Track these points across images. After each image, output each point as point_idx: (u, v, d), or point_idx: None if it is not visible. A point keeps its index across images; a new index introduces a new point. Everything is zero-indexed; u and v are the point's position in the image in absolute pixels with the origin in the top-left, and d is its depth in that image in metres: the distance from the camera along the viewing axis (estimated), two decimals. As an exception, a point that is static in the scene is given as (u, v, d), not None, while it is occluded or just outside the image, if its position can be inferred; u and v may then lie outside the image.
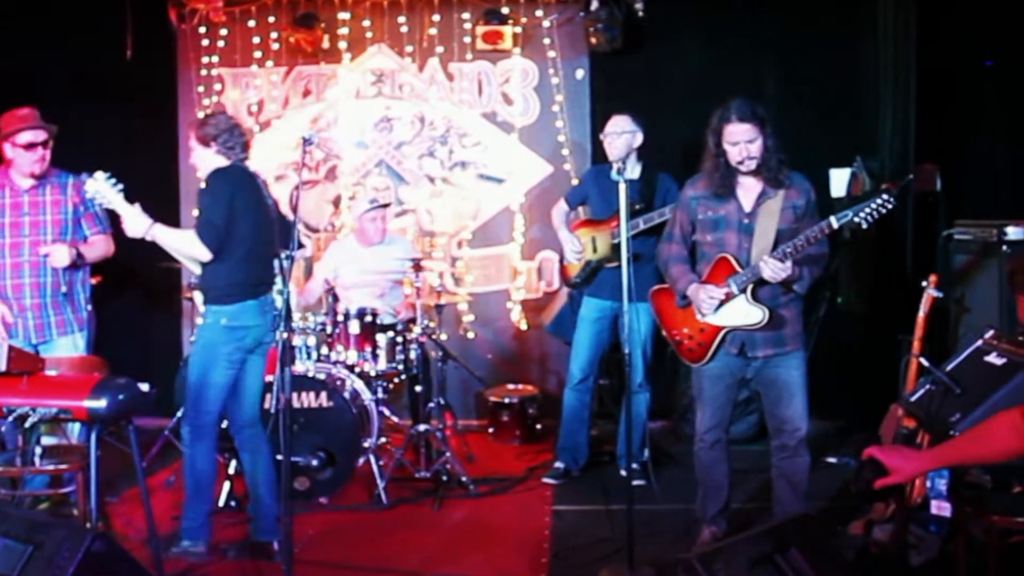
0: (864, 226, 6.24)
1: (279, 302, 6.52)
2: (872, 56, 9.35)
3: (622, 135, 8.10)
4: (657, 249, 6.96)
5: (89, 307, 7.75)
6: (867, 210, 6.15)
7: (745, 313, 6.39)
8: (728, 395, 6.71)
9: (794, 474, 6.61)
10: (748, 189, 6.45)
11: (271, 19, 10.49)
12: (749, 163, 6.31)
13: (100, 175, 6.72)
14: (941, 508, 6.33)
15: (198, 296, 8.19)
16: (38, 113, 7.55)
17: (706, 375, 6.67)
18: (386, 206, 9.56)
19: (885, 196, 6.14)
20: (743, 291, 6.36)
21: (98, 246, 7.69)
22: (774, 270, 6.19)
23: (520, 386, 10.30)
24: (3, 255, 7.36)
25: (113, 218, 7.13)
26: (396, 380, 8.94)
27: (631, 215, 7.46)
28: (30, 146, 7.34)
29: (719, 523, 6.85)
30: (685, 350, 6.71)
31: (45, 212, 7.52)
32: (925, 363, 5.33)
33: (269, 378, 7.60)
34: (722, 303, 6.43)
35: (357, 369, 8.38)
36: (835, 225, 6.15)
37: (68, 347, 7.57)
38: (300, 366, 8.18)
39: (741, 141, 6.26)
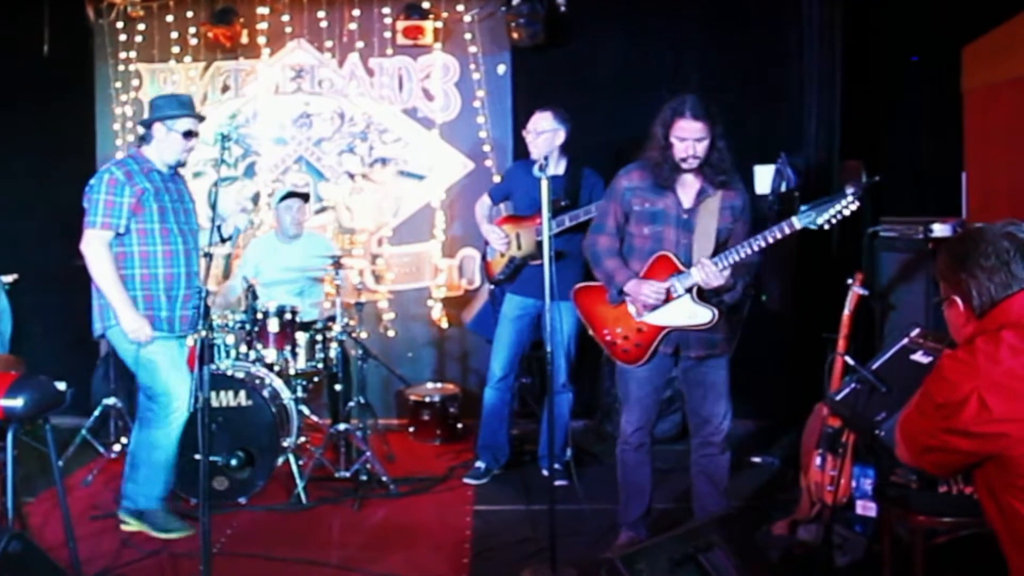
0: (826, 227, 5.94)
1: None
2: (797, 50, 9.37)
3: (542, 134, 8.02)
4: (585, 241, 6.68)
5: None
6: (830, 212, 5.88)
7: (691, 313, 6.21)
8: (656, 396, 6.63)
9: (715, 471, 6.58)
10: (687, 186, 6.30)
11: (189, 14, 10.40)
12: (692, 161, 6.17)
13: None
14: (866, 508, 6.36)
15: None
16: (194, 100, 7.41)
17: (635, 376, 6.50)
18: (301, 196, 9.51)
19: (850, 197, 5.86)
20: (689, 291, 6.18)
21: None
22: (708, 276, 6.04)
23: (441, 385, 10.29)
24: (153, 240, 6.96)
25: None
26: (316, 379, 8.90)
27: (556, 212, 7.41)
28: (188, 134, 7.06)
29: (639, 529, 6.76)
30: (619, 351, 6.48)
31: (185, 200, 7.26)
32: (850, 362, 5.35)
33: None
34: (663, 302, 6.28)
35: (276, 368, 8.31)
36: (797, 226, 5.92)
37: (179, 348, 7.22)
38: (219, 364, 8.10)
39: (690, 139, 6.11)
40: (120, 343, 6.93)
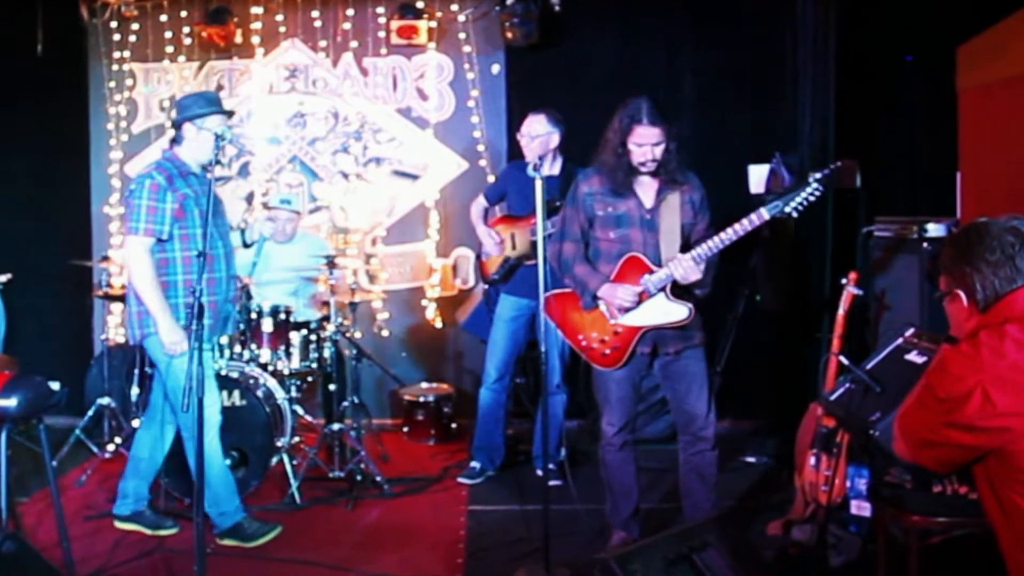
0: (795, 215, 6.08)
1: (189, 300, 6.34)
2: (791, 50, 9.35)
3: (537, 138, 8.00)
4: (551, 250, 6.56)
5: None
6: (797, 199, 6.02)
7: (666, 311, 6.21)
8: (636, 395, 6.61)
9: (706, 467, 6.54)
10: (646, 186, 6.33)
11: (183, 13, 10.40)
12: (651, 165, 6.21)
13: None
14: (861, 508, 6.35)
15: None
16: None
17: (614, 377, 6.46)
18: (287, 208, 9.43)
19: (815, 185, 6.03)
20: (662, 289, 6.19)
21: None
22: (687, 271, 6.07)
23: (435, 384, 10.26)
24: (195, 245, 6.65)
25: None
26: (310, 379, 8.88)
27: (550, 212, 7.36)
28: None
29: (631, 528, 6.71)
30: (598, 355, 6.44)
31: (217, 201, 6.97)
32: (845, 361, 5.32)
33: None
34: (637, 303, 6.27)
35: (270, 368, 8.29)
36: (766, 216, 6.00)
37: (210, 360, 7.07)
38: (213, 364, 8.07)
39: (648, 144, 6.15)
40: (156, 351, 6.83)
